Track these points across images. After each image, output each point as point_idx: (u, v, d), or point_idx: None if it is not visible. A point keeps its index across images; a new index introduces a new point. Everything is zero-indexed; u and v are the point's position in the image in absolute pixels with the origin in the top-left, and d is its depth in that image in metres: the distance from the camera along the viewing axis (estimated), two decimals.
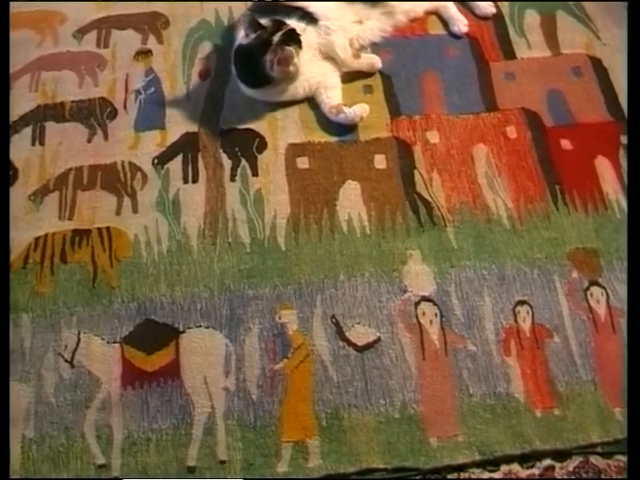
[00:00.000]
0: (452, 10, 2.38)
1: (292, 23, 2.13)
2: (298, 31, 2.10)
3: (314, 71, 2.19)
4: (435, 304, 1.86)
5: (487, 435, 1.70)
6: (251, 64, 2.11)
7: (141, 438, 1.71)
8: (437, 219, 1.99)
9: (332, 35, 2.19)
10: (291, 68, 2.08)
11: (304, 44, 2.12)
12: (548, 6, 2.44)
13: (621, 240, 1.94)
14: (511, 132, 2.15)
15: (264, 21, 2.10)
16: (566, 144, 2.12)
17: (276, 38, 2.06)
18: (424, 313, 1.85)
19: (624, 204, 2.01)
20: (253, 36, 2.09)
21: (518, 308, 1.85)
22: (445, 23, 2.39)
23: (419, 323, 1.83)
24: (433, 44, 2.35)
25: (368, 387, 1.75)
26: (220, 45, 2.37)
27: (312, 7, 2.21)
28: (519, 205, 2.01)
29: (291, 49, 2.05)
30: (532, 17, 2.42)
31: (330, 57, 2.22)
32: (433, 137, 2.14)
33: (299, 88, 2.18)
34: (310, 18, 2.20)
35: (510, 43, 2.35)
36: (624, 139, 2.11)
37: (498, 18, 2.41)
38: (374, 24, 2.30)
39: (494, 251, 1.94)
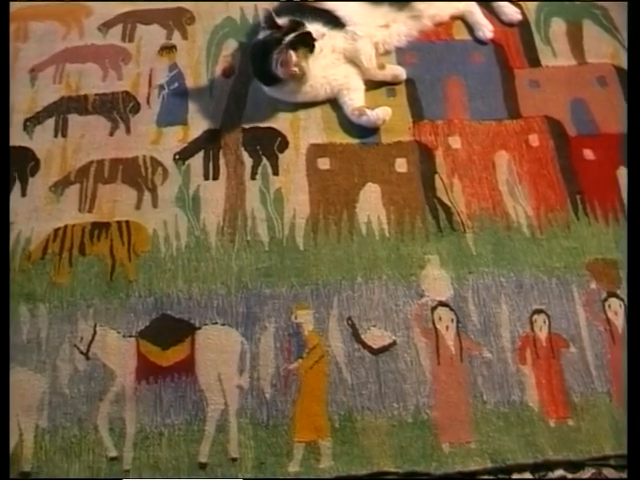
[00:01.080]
0: (478, 15, 2.38)
1: (317, 27, 2.15)
2: (315, 35, 2.09)
3: (337, 73, 2.20)
4: (452, 309, 1.86)
5: (500, 443, 1.70)
6: (259, 60, 2.13)
7: (154, 432, 1.73)
8: (456, 225, 1.99)
9: (358, 42, 2.20)
10: (294, 70, 2.07)
11: (328, 47, 2.14)
12: (575, 15, 2.44)
13: None
14: (533, 140, 2.15)
15: (282, 20, 2.11)
16: (589, 154, 2.12)
17: (287, 39, 2.06)
18: (440, 318, 1.85)
19: None
20: (266, 32, 2.10)
21: (535, 317, 1.85)
22: (470, 28, 2.39)
23: (435, 328, 1.84)
24: (458, 49, 2.35)
25: (382, 390, 1.76)
26: (245, 43, 2.38)
27: (340, 11, 2.22)
28: (539, 213, 2.01)
29: (292, 53, 2.04)
30: (558, 25, 2.42)
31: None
32: (455, 142, 2.14)
33: (320, 90, 2.19)
34: (337, 23, 2.21)
35: (535, 51, 2.35)
36: None
37: (524, 25, 2.41)
38: (400, 28, 2.31)
39: (513, 259, 1.94)
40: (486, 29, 2.35)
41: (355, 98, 2.19)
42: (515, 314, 1.86)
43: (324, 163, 2.11)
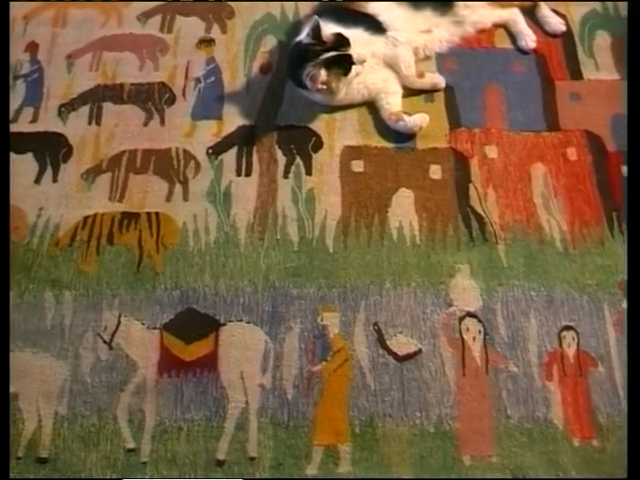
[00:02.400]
0: (521, 24, 2.38)
1: (358, 33, 2.16)
2: (356, 58, 2.09)
3: (375, 77, 2.21)
4: (480, 321, 1.87)
5: (522, 459, 1.70)
6: (294, 65, 2.15)
7: (173, 426, 1.75)
8: (489, 235, 2.00)
9: (399, 48, 2.21)
10: (322, 87, 2.09)
11: (367, 52, 2.15)
12: (621, 29, 2.42)
13: None
14: (571, 154, 2.15)
15: (329, 33, 2.10)
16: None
17: (324, 56, 2.06)
18: (468, 329, 1.86)
19: None
20: (309, 41, 2.10)
21: (564, 333, 1.85)
22: (513, 37, 2.39)
23: (462, 338, 1.85)
24: (499, 57, 2.35)
25: (405, 398, 1.77)
26: (284, 41, 2.40)
27: (382, 16, 2.23)
28: (574, 228, 2.01)
29: (323, 72, 2.05)
30: (603, 38, 2.41)
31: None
32: (491, 152, 2.15)
33: (356, 95, 2.20)
34: (378, 27, 2.22)
35: (578, 63, 2.34)
36: None
37: (568, 37, 2.40)
38: (442, 34, 2.32)
39: (544, 273, 1.94)
40: (529, 38, 2.35)
41: (392, 102, 2.20)
42: (544, 329, 1.86)
43: (358, 166, 2.12)
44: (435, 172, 2.11)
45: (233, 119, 2.23)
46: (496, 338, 1.85)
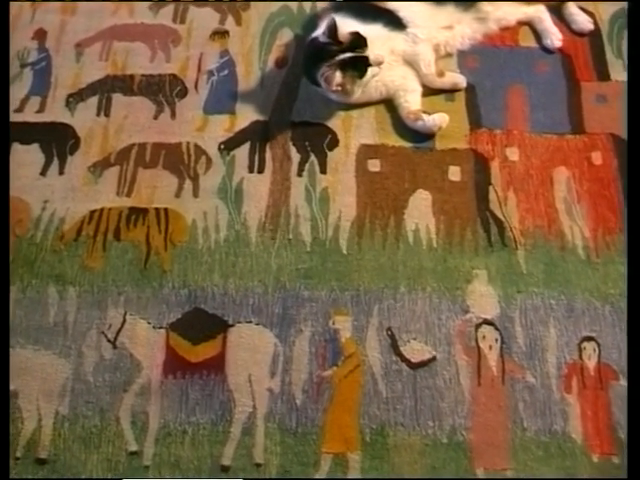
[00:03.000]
0: (547, 22, 2.38)
1: (377, 29, 2.17)
2: (372, 60, 2.09)
3: (394, 74, 2.21)
4: (497, 329, 1.87)
5: (538, 473, 1.70)
6: (309, 64, 2.16)
7: (177, 430, 1.76)
8: (508, 240, 2.00)
9: (419, 45, 2.21)
10: (336, 89, 2.10)
11: (386, 48, 2.16)
12: None
13: None
14: (596, 158, 2.14)
15: (346, 32, 2.10)
16: None
17: (340, 57, 2.07)
18: (484, 337, 1.86)
19: None
20: (325, 40, 2.10)
21: (584, 344, 1.85)
22: (538, 35, 2.38)
23: (478, 347, 1.85)
24: (523, 56, 2.35)
25: (418, 407, 1.77)
26: (300, 35, 2.41)
27: (402, 11, 2.24)
28: (597, 235, 2.01)
29: (338, 74, 2.06)
30: None
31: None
32: (513, 154, 2.15)
33: (373, 93, 2.21)
34: (398, 24, 2.22)
35: (605, 64, 2.33)
36: None
37: (595, 36, 2.39)
38: (464, 30, 2.32)
39: (565, 281, 1.94)
40: (555, 37, 2.35)
41: (411, 101, 2.21)
42: (563, 339, 1.85)
43: (374, 165, 2.13)
44: (454, 174, 2.12)
45: (246, 114, 2.24)
46: (513, 347, 1.85)
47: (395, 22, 2.22)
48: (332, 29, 2.08)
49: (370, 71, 2.11)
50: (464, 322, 1.88)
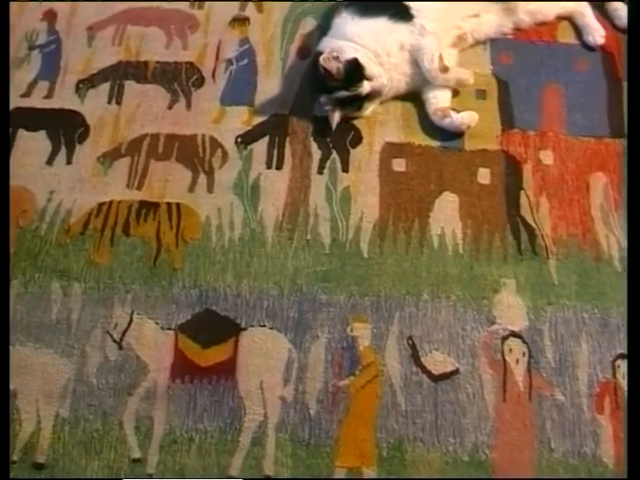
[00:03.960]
0: (589, 18, 2.37)
1: (381, 23, 2.19)
2: (367, 72, 2.12)
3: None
4: (524, 342, 1.87)
5: None
6: (313, 80, 2.22)
7: (183, 437, 1.78)
8: (539, 248, 2.00)
9: (425, 38, 2.20)
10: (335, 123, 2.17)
11: (395, 44, 2.18)
12: None
13: None
14: None
15: (338, 67, 2.10)
16: None
17: (336, 94, 2.12)
18: (511, 350, 1.86)
19: None
20: (336, 67, 2.10)
21: (619, 362, 1.85)
22: (578, 31, 2.38)
23: (504, 360, 1.85)
24: (561, 53, 2.35)
25: (438, 422, 1.78)
26: (323, 25, 2.40)
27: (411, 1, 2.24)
28: None
29: (336, 115, 2.15)
30: None
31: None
32: (547, 157, 2.15)
33: (398, 84, 2.22)
34: (404, 14, 2.22)
35: None
36: None
37: None
38: (491, 18, 2.32)
39: (599, 294, 1.94)
40: (597, 34, 2.34)
41: (440, 97, 2.22)
42: (596, 356, 1.85)
43: (399, 164, 2.14)
44: (483, 176, 2.13)
45: (266, 106, 2.26)
46: (542, 362, 1.85)
47: (400, 14, 2.22)
48: (323, 68, 2.10)
49: (369, 105, 2.19)
50: (490, 334, 1.89)
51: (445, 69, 2.20)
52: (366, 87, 2.12)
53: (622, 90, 2.27)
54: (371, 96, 2.16)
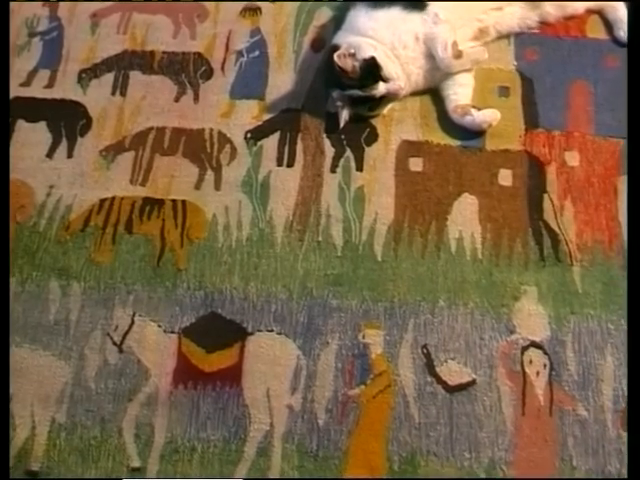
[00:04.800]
0: (621, 12, 2.35)
1: (394, 13, 2.20)
2: (385, 73, 2.13)
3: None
4: (546, 353, 1.88)
5: None
6: (327, 72, 2.22)
7: (185, 446, 1.79)
8: (563, 255, 2.00)
9: (438, 26, 2.20)
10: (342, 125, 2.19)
11: (410, 35, 2.18)
12: None
13: None
14: None
15: (354, 65, 2.11)
16: None
17: (349, 92, 2.14)
18: (531, 361, 1.87)
19: None
20: (352, 64, 2.11)
21: None
22: (609, 26, 2.37)
23: (523, 372, 1.86)
24: (589, 49, 2.35)
25: (453, 435, 1.79)
26: (339, 16, 2.41)
27: None
28: None
29: (345, 113, 2.17)
30: None
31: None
32: (572, 159, 2.15)
33: (417, 80, 2.23)
34: (417, 3, 2.23)
35: None
36: None
37: None
38: (515, 10, 2.33)
39: (626, 303, 1.94)
40: None
41: (461, 94, 2.23)
42: (622, 369, 1.85)
43: (416, 164, 2.15)
44: (505, 178, 2.13)
45: (277, 101, 2.27)
46: (564, 375, 1.85)
47: (415, 1, 2.23)
48: (338, 64, 2.10)
49: (383, 107, 2.20)
50: (509, 343, 1.89)
51: (459, 55, 2.21)
52: (381, 89, 2.14)
53: None
54: (386, 98, 2.18)
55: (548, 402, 1.82)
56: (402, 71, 2.18)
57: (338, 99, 2.18)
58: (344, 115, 2.17)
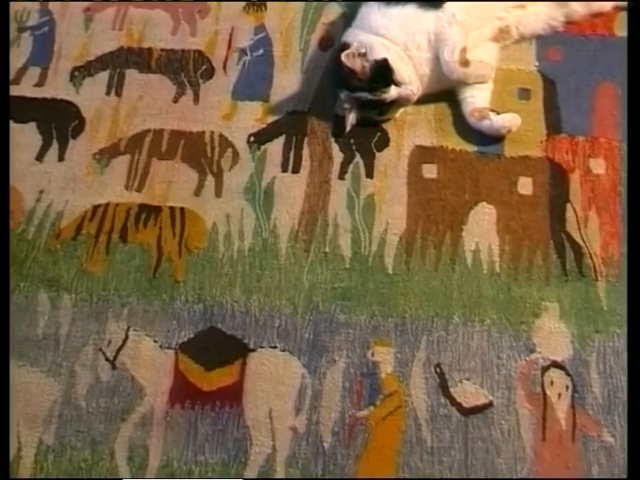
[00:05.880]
0: None
1: (409, 11, 2.21)
2: (397, 77, 2.14)
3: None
4: (568, 374, 1.88)
5: None
6: (336, 75, 2.22)
7: (182, 469, 1.80)
8: (587, 269, 2.01)
9: (452, 27, 2.21)
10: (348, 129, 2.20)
11: (423, 36, 2.19)
12: None
13: None
14: None
15: (363, 67, 2.13)
16: None
17: (358, 94, 2.15)
18: (552, 383, 1.88)
19: None
20: (362, 65, 2.13)
21: None
22: None
23: (544, 394, 1.86)
24: (617, 49, 2.33)
25: (468, 461, 1.80)
26: (349, 12, 2.42)
27: None
28: None
29: (352, 118, 2.19)
30: None
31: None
32: (598, 166, 2.16)
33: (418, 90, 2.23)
34: (434, 1, 2.23)
35: None
36: None
37: None
38: (539, 9, 2.33)
39: None
40: None
41: (478, 96, 2.24)
42: None
43: (430, 171, 2.17)
44: (525, 186, 2.14)
45: (282, 102, 2.29)
46: (588, 398, 1.86)
47: (429, 1, 2.24)
48: (347, 66, 2.12)
49: (393, 112, 2.21)
50: (528, 363, 1.90)
51: (466, 63, 2.20)
52: (392, 94, 2.15)
53: None
54: (397, 103, 2.19)
55: (571, 427, 1.83)
56: (415, 74, 2.19)
57: (345, 101, 2.19)
58: (351, 119, 2.19)
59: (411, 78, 2.17)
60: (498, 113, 2.20)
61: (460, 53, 2.18)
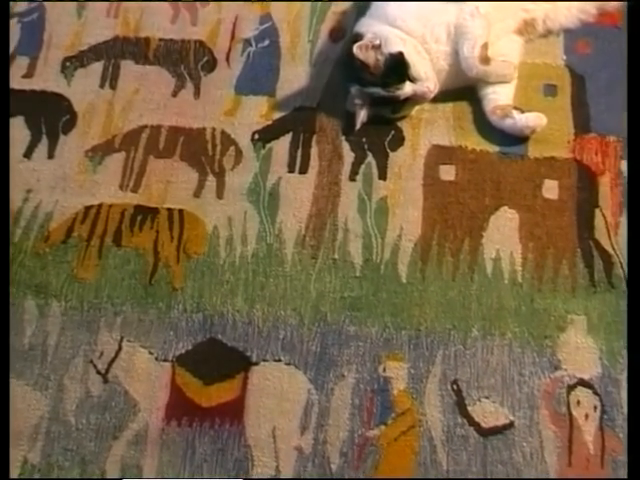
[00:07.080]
0: None
1: (431, 4, 2.23)
2: (413, 73, 2.15)
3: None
4: (596, 393, 1.88)
5: None
6: (348, 68, 2.23)
7: None
8: (617, 280, 2.01)
9: (474, 20, 2.21)
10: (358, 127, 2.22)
11: (442, 28, 2.21)
12: None
13: None
14: None
15: (377, 60, 2.14)
16: None
17: (371, 90, 2.16)
18: (579, 402, 1.88)
19: None
20: (375, 58, 2.14)
21: None
22: None
23: (570, 414, 1.86)
24: None
25: None
26: (362, 1, 2.43)
27: None
28: None
29: (364, 115, 2.20)
30: None
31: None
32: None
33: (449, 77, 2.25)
34: None
35: None
36: None
37: None
38: (571, 4, 2.33)
39: None
40: None
41: (501, 93, 2.25)
42: None
43: (448, 172, 2.18)
44: (550, 190, 2.15)
45: (289, 97, 2.31)
46: (618, 419, 1.85)
47: None
48: (360, 60, 2.13)
49: (407, 110, 2.22)
50: (553, 381, 1.90)
51: (486, 60, 2.21)
52: (407, 90, 2.16)
53: None
54: (411, 100, 2.20)
55: (599, 450, 1.82)
56: (432, 70, 2.20)
57: (357, 97, 2.20)
58: (361, 116, 2.20)
59: (428, 74, 2.18)
60: (522, 111, 2.21)
61: (481, 49, 2.19)
